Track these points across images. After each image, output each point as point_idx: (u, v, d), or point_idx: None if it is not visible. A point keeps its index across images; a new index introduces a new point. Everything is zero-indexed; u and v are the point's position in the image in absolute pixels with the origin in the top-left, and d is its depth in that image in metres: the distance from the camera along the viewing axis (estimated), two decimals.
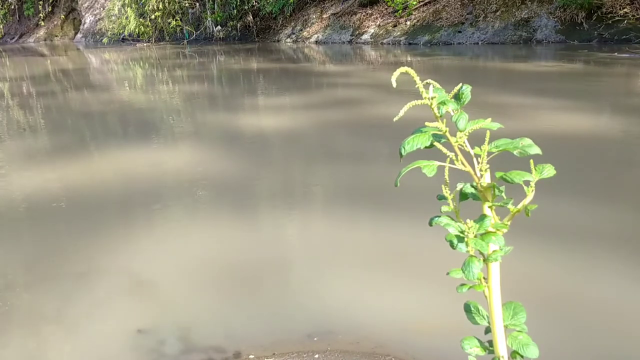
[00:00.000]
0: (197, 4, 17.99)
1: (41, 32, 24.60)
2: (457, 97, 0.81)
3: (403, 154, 0.78)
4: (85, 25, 22.85)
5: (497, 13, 11.39)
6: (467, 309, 0.91)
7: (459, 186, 0.85)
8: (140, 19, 18.51)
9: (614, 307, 1.80)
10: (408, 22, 12.73)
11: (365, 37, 13.25)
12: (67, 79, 10.35)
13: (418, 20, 12.59)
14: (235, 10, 16.93)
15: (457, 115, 0.78)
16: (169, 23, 18.21)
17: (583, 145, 3.73)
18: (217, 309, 1.91)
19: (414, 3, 12.85)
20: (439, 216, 0.83)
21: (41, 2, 24.37)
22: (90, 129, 5.45)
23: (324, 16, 14.86)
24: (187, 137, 4.73)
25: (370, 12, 13.84)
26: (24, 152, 4.40)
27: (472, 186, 0.84)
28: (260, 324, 1.79)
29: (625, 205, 2.64)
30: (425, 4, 12.80)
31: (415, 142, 0.79)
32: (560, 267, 2.07)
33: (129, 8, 18.73)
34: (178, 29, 18.38)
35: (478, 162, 0.81)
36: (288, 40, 15.28)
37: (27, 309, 1.98)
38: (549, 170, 0.81)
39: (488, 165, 0.81)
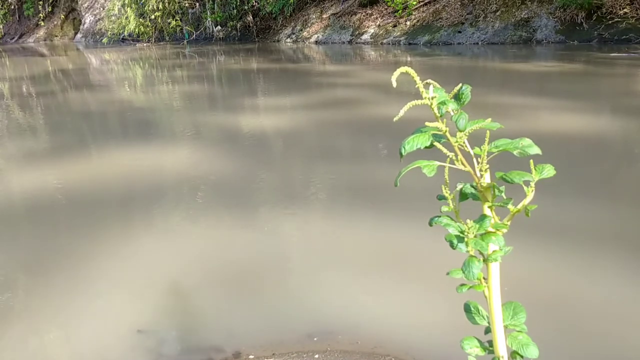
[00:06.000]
0: (197, 4, 17.99)
1: (41, 32, 24.59)
2: (457, 97, 0.81)
3: (403, 154, 0.78)
4: (85, 25, 22.84)
5: (497, 13, 11.39)
6: (467, 309, 0.92)
7: (459, 186, 0.85)
8: (140, 19, 18.51)
9: (613, 307, 1.80)
10: (408, 22, 12.73)
11: (365, 37, 13.25)
12: (67, 79, 10.35)
13: (418, 20, 12.59)
14: (235, 10, 16.93)
15: (457, 115, 0.78)
16: (169, 23, 18.21)
17: (583, 146, 3.73)
18: (217, 308, 1.91)
19: (414, 3, 12.85)
20: (439, 216, 0.83)
21: (41, 2, 24.37)
22: (90, 129, 5.46)
23: (324, 16, 14.86)
24: (186, 137, 4.73)
25: (370, 12, 13.84)
26: (23, 152, 4.40)
27: (472, 186, 0.84)
28: (260, 324, 1.79)
29: (625, 205, 2.64)
30: (425, 4, 12.80)
31: (415, 142, 0.79)
32: (560, 267, 2.07)
33: (128, 8, 18.73)
34: (178, 29, 18.38)
35: (478, 162, 0.81)
36: (288, 40, 15.27)
37: (26, 309, 1.98)
38: (548, 171, 0.81)
39: (488, 165, 0.81)
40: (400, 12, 12.97)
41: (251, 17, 16.70)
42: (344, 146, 4.13)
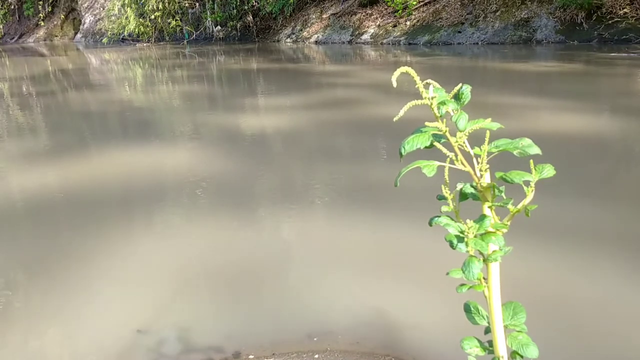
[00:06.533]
0: (197, 4, 17.99)
1: (41, 32, 24.60)
2: (457, 97, 0.81)
3: (403, 154, 0.78)
4: (85, 25, 22.84)
5: (497, 13, 11.39)
6: (467, 309, 0.92)
7: (459, 186, 0.85)
8: (140, 19, 18.52)
9: (614, 307, 1.80)
10: (408, 22, 12.73)
11: (365, 37, 13.25)
12: (67, 79, 10.35)
13: (418, 20, 12.59)
14: (235, 10, 16.94)
15: (457, 115, 0.78)
16: (169, 23, 18.22)
17: (583, 146, 3.73)
18: (217, 309, 1.91)
19: (414, 3, 12.85)
20: (439, 216, 0.83)
21: (41, 2, 24.37)
22: (90, 129, 5.46)
23: (324, 16, 14.86)
24: (186, 137, 4.73)
25: (370, 12, 13.84)
26: (23, 151, 4.40)
27: (472, 186, 0.84)
28: (260, 324, 1.79)
29: (625, 205, 2.64)
30: (425, 4, 12.80)
31: (415, 142, 0.79)
32: (560, 267, 2.07)
33: (128, 8, 18.74)
34: (178, 29, 18.39)
35: (478, 162, 0.81)
36: (288, 40, 15.27)
37: (26, 308, 1.98)
38: (548, 171, 0.81)
39: (488, 165, 0.81)
40: (400, 12, 12.98)
41: (251, 17, 16.71)
42: (344, 146, 4.13)
